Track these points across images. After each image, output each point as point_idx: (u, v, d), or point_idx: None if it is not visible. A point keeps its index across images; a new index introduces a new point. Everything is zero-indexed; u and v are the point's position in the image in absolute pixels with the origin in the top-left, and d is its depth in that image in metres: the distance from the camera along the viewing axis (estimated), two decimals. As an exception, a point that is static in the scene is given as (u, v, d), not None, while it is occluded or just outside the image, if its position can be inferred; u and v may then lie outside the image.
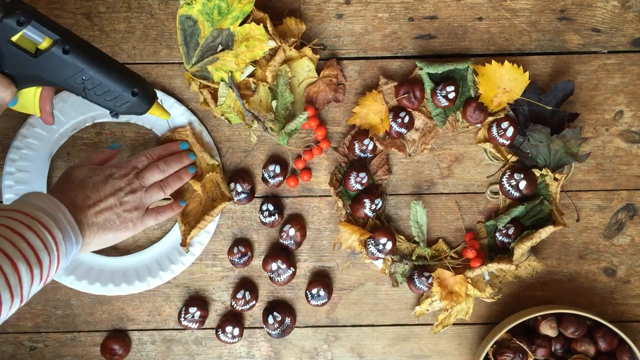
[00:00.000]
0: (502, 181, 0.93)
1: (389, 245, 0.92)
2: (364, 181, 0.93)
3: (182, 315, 0.96)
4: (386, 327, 1.00)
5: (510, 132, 0.90)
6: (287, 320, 0.96)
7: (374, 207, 0.93)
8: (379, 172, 0.96)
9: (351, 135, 0.95)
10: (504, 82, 0.90)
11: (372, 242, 0.93)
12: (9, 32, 0.71)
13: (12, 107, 0.79)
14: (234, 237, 0.98)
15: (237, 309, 0.97)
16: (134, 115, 0.84)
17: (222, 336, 0.97)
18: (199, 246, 0.96)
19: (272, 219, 0.95)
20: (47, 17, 0.74)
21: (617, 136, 0.97)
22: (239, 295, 0.96)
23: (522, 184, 0.91)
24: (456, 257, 0.96)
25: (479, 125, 0.93)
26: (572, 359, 0.94)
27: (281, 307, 0.97)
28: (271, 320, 0.95)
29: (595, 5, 0.95)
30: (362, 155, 0.94)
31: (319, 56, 0.94)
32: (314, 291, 0.96)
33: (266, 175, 0.95)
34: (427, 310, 0.97)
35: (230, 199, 0.94)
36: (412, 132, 0.96)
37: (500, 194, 0.95)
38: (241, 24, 0.87)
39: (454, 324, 0.98)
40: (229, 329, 0.96)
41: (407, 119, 0.93)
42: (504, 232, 0.93)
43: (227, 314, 0.99)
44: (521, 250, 0.90)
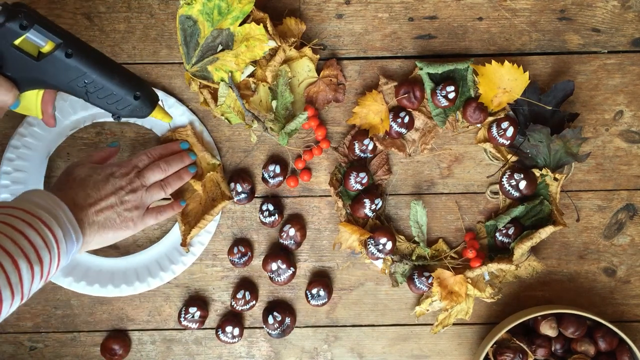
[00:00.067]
0: (502, 181, 0.93)
1: (389, 245, 0.92)
2: (364, 181, 0.93)
3: (182, 315, 0.96)
4: (386, 327, 1.00)
5: (510, 132, 0.90)
6: (287, 320, 0.96)
7: (374, 207, 0.93)
8: (379, 172, 0.96)
9: (351, 135, 0.95)
10: (504, 82, 0.90)
11: (372, 242, 0.93)
12: (12, 36, 0.71)
13: (14, 110, 0.79)
14: (234, 237, 0.98)
15: (237, 309, 0.97)
16: (136, 118, 0.84)
17: (222, 336, 0.97)
18: (199, 246, 0.96)
19: (272, 219, 0.95)
20: (50, 21, 0.74)
21: (617, 136, 0.97)
22: (239, 295, 0.96)
23: (522, 184, 0.91)
24: (456, 257, 0.96)
25: (479, 125, 0.93)
26: (572, 359, 0.94)
27: (281, 307, 0.97)
28: (271, 320, 0.95)
29: (595, 5, 0.95)
30: (362, 155, 0.94)
31: (319, 56, 0.94)
32: (314, 291, 0.96)
33: (266, 175, 0.95)
34: (427, 310, 0.97)
35: (230, 198, 0.94)
36: (412, 132, 0.96)
37: (500, 194, 0.95)
38: (241, 24, 0.87)
39: (454, 324, 0.98)
40: (229, 329, 0.96)
41: (407, 119, 0.93)
42: (504, 232, 0.93)
43: (227, 314, 0.99)
44: (521, 250, 0.90)
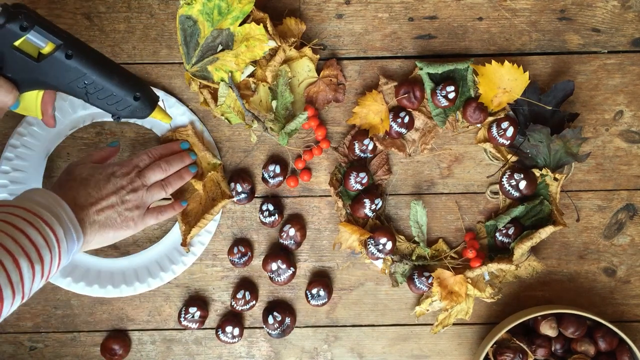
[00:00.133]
0: (502, 181, 0.93)
1: (389, 245, 0.92)
2: (364, 181, 0.93)
3: (182, 315, 0.96)
4: (386, 327, 1.00)
5: (510, 132, 0.90)
6: (287, 320, 0.96)
7: (374, 207, 0.93)
8: (379, 172, 0.96)
9: (351, 135, 0.95)
10: (504, 82, 0.90)
11: (372, 242, 0.93)
12: (12, 37, 0.71)
13: (15, 110, 0.79)
14: (234, 237, 0.98)
15: (237, 309, 0.97)
16: (136, 119, 0.84)
17: (222, 336, 0.97)
18: (199, 246, 0.96)
19: (272, 219, 0.95)
20: (50, 22, 0.74)
21: (617, 136, 0.97)
22: (239, 295, 0.96)
23: (522, 184, 0.91)
24: (456, 257, 0.96)
25: (479, 125, 0.93)
26: (572, 359, 0.94)
27: (281, 307, 0.97)
28: (271, 320, 0.95)
29: (595, 5, 0.95)
30: (362, 155, 0.94)
31: (319, 56, 0.94)
32: (314, 291, 0.96)
33: (266, 175, 0.95)
34: (427, 310, 0.97)
35: (230, 197, 0.94)
36: (412, 132, 0.96)
37: (500, 194, 0.95)
38: (241, 24, 0.87)
39: (454, 324, 0.98)
40: (229, 329, 0.96)
41: (407, 119, 0.93)
42: (504, 232, 0.93)
43: (227, 314, 0.99)
44: (521, 250, 0.90)
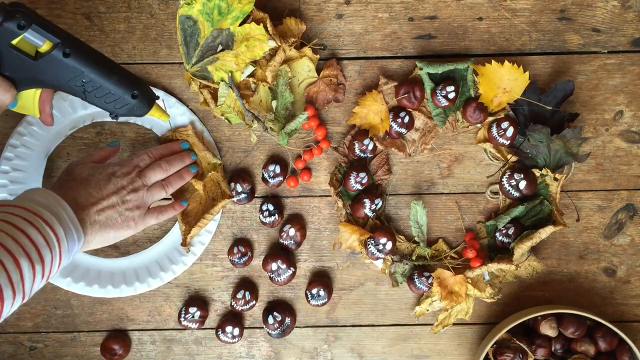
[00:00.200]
0: (502, 181, 0.93)
1: (389, 245, 0.92)
2: (364, 181, 0.93)
3: (182, 315, 0.96)
4: (386, 327, 1.00)
5: (510, 132, 0.90)
6: (287, 320, 0.96)
7: (374, 207, 0.93)
8: (379, 172, 0.96)
9: (351, 135, 0.95)
10: (504, 82, 0.90)
11: (372, 242, 0.93)
12: (10, 36, 0.71)
13: (12, 109, 0.79)
14: (234, 237, 0.98)
15: (237, 309, 0.97)
16: (134, 117, 0.85)
17: (222, 336, 0.97)
18: (199, 246, 0.96)
19: (272, 219, 0.95)
20: (48, 21, 0.74)
21: (617, 136, 0.97)
22: (239, 295, 0.96)
23: (522, 184, 0.91)
24: (456, 257, 0.96)
25: (479, 125, 0.93)
26: (572, 359, 0.94)
27: (281, 307, 0.97)
28: (271, 320, 0.95)
29: (595, 5, 0.95)
30: (362, 155, 0.94)
31: (319, 56, 0.94)
32: (314, 291, 0.96)
33: (266, 175, 0.95)
34: (427, 310, 0.97)
35: (230, 196, 0.94)
36: (412, 132, 0.96)
37: (500, 194, 0.95)
38: (241, 24, 0.87)
39: (454, 324, 0.98)
40: (229, 329, 0.96)
41: (407, 119, 0.93)
42: (504, 232, 0.93)
43: (227, 314, 0.99)
44: (521, 250, 0.90)
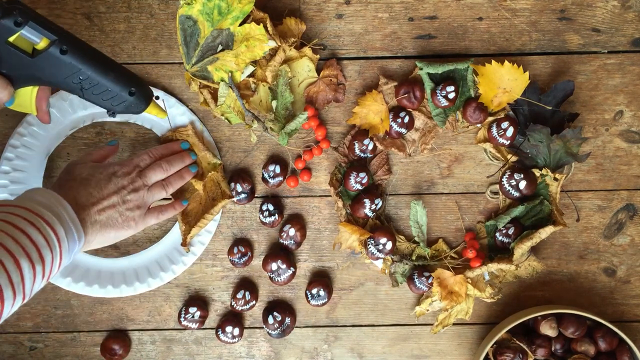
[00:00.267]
0: (502, 181, 0.93)
1: (389, 245, 0.92)
2: (364, 181, 0.93)
3: (182, 315, 0.96)
4: (386, 327, 1.00)
5: (510, 132, 0.90)
6: (287, 320, 0.96)
7: (374, 207, 0.93)
8: (379, 172, 0.96)
9: (351, 135, 0.95)
10: (504, 82, 0.90)
11: (372, 242, 0.93)
12: (6, 33, 0.71)
13: (9, 107, 0.79)
14: (234, 237, 0.98)
15: (237, 309, 0.97)
16: (131, 114, 0.84)
17: (222, 336, 0.97)
18: (199, 246, 0.96)
19: (272, 219, 0.95)
20: (45, 18, 0.74)
21: (617, 136, 0.97)
22: (239, 295, 0.96)
23: (522, 184, 0.91)
24: (456, 257, 0.96)
25: (479, 125, 0.93)
26: (572, 359, 0.94)
27: (281, 307, 0.97)
28: (271, 320, 0.95)
29: (595, 5, 0.95)
30: (362, 155, 0.94)
31: (319, 56, 0.94)
32: (314, 291, 0.96)
33: (266, 175, 0.95)
34: (427, 310, 0.97)
35: (230, 196, 0.94)
36: (412, 132, 0.96)
37: (500, 194, 0.95)
38: (241, 24, 0.87)
39: (454, 324, 0.98)
40: (229, 329, 0.96)
41: (407, 119, 0.93)
42: (504, 232, 0.93)
43: (227, 314, 0.99)
44: (521, 250, 0.90)
